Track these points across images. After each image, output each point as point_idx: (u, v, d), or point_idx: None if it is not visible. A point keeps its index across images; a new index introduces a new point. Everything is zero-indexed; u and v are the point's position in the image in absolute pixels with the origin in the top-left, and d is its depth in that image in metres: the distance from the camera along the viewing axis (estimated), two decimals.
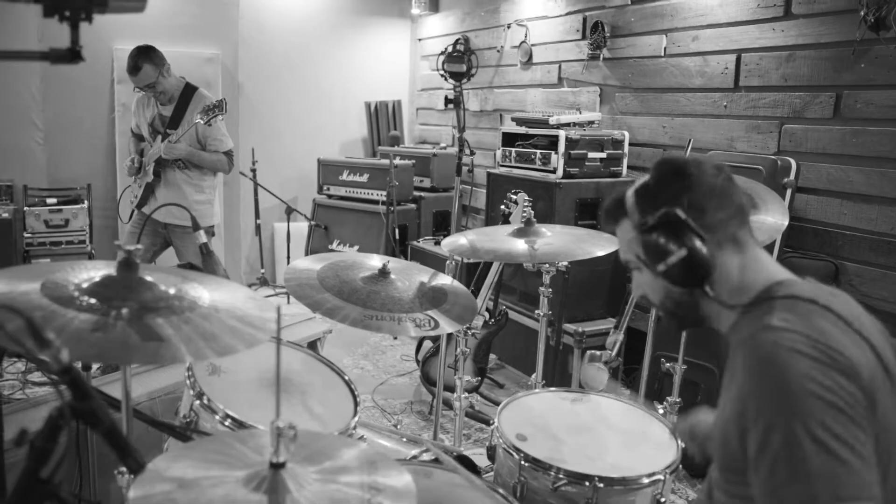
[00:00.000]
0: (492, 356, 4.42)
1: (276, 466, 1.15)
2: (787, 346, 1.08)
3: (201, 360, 1.22)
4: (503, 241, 2.31)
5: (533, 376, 2.62)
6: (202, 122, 3.67)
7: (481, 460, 2.29)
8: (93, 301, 1.28)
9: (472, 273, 4.11)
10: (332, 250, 5.70)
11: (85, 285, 1.32)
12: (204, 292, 1.44)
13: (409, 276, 2.19)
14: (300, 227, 6.01)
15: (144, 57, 3.72)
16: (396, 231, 5.34)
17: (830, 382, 1.03)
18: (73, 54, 1.17)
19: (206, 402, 1.59)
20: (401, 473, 1.21)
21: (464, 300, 2.15)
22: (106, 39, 5.43)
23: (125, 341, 1.20)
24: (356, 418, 1.71)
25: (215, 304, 1.39)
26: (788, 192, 3.28)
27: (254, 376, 1.77)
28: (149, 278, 1.39)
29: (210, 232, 4.10)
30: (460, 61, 2.93)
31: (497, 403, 3.90)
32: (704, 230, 1.21)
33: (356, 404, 1.79)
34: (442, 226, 5.79)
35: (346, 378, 1.90)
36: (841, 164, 3.19)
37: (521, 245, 2.25)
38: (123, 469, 1.35)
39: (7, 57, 1.51)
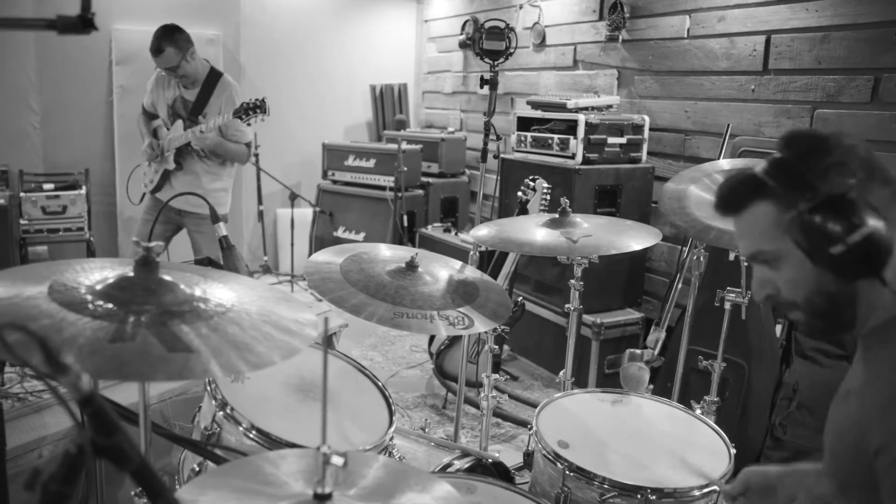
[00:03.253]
0: (505, 347, 4.30)
1: (322, 498, 1.02)
2: None
3: (235, 374, 1.07)
4: (535, 232, 2.17)
5: (561, 373, 2.49)
6: (241, 119, 3.46)
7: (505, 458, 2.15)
8: (109, 306, 1.14)
9: (486, 262, 3.98)
10: (338, 237, 5.55)
11: (99, 287, 1.18)
12: (229, 293, 1.30)
13: (433, 269, 2.06)
14: (304, 214, 5.86)
15: (168, 39, 3.50)
16: (404, 218, 5.19)
17: None
18: (84, 22, 1.00)
19: (229, 412, 1.45)
20: (449, 492, 1.08)
21: (496, 295, 2.01)
22: (104, 19, 5.23)
23: (148, 352, 1.06)
24: (392, 429, 1.57)
25: (245, 307, 1.24)
26: None
27: (280, 381, 1.63)
28: (169, 278, 1.24)
29: (224, 219, 3.97)
30: (500, 38, 2.75)
31: (519, 400, 3.79)
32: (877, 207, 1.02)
33: (391, 413, 1.65)
34: (450, 212, 5.65)
35: (381, 384, 1.76)
36: (879, 151, 3.03)
37: (556, 237, 2.11)
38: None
39: (9, 25, 1.35)
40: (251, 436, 1.44)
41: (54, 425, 2.10)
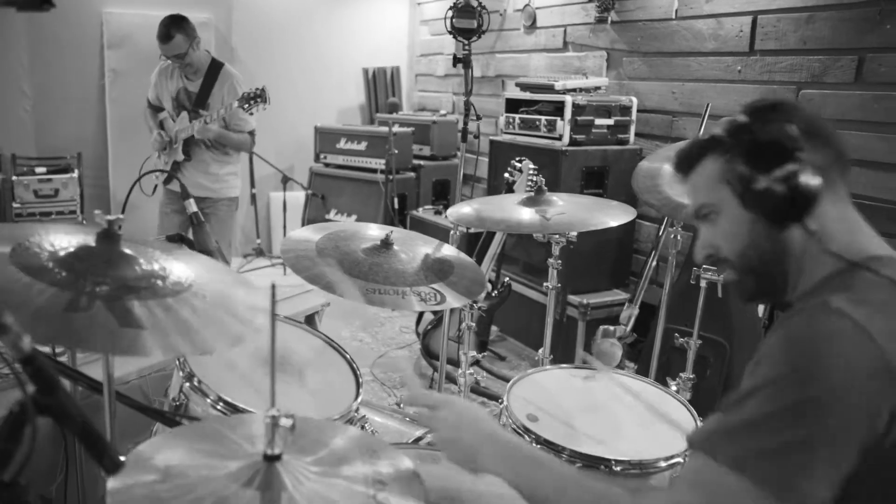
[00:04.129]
0: (493, 328, 4.33)
1: (271, 459, 1.04)
2: (832, 342, 0.92)
3: (174, 356, 1.09)
4: (512, 210, 2.18)
5: (540, 351, 2.52)
6: (244, 108, 3.53)
7: None
8: (65, 274, 1.16)
9: (473, 243, 4.00)
10: (330, 220, 5.57)
11: (60, 254, 1.20)
12: (189, 273, 1.31)
13: (412, 248, 2.08)
14: (297, 197, 5.87)
15: (177, 26, 3.57)
16: (395, 200, 5.21)
17: (859, 401, 0.90)
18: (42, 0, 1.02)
19: (196, 384, 1.47)
20: (405, 462, 1.11)
21: (471, 273, 2.03)
22: (95, 3, 5.24)
23: (101, 325, 1.08)
24: (358, 400, 1.60)
25: (202, 290, 1.26)
26: None
27: (248, 353, 1.65)
28: (130, 252, 1.26)
29: (235, 204, 4.02)
30: (471, 16, 2.75)
31: (499, 377, 3.83)
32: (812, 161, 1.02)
33: (358, 385, 1.68)
34: (441, 195, 5.66)
35: (348, 357, 1.79)
36: (862, 132, 3.05)
37: (531, 215, 2.12)
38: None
39: None
40: (218, 407, 1.46)
41: None
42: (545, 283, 2.42)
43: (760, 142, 1.05)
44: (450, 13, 2.75)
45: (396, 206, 5.21)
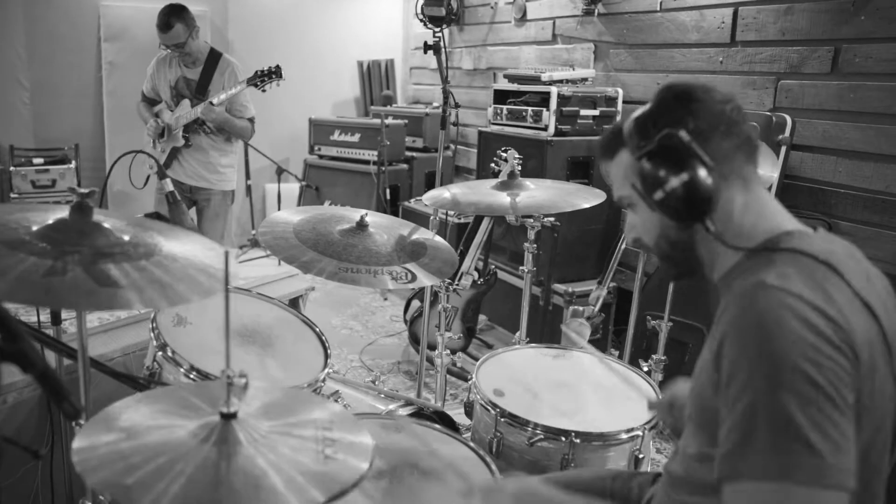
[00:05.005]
0: (482, 317, 4.39)
1: (228, 417, 1.11)
2: (780, 309, 0.96)
3: (154, 307, 1.16)
4: (485, 194, 2.25)
5: (517, 334, 2.58)
6: (256, 86, 3.65)
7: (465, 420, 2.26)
8: (43, 245, 1.23)
9: (462, 233, 4.06)
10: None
11: (35, 228, 1.27)
12: (163, 241, 1.38)
13: (390, 231, 2.14)
14: (292, 188, 5.93)
15: (177, 16, 3.62)
16: (387, 191, 5.27)
17: (821, 358, 0.93)
18: None
19: (169, 353, 1.54)
20: (358, 426, 1.17)
21: (444, 254, 2.10)
22: None
23: (79, 286, 1.15)
24: (326, 371, 1.67)
25: (173, 253, 1.33)
26: (783, 149, 3.20)
27: (220, 327, 1.72)
28: (106, 224, 1.33)
29: (231, 197, 4.07)
30: (439, 4, 2.81)
31: (471, 356, 3.89)
32: (709, 158, 1.09)
33: (327, 357, 1.75)
34: (434, 186, 5.71)
35: (318, 330, 1.85)
36: (837, 121, 3.11)
37: (503, 198, 2.19)
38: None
39: None
40: (190, 376, 1.53)
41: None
42: (521, 268, 2.48)
43: (657, 149, 1.10)
44: (420, 1, 2.81)
45: (389, 196, 5.28)
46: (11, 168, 4.95)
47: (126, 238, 1.32)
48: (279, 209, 5.31)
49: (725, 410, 0.98)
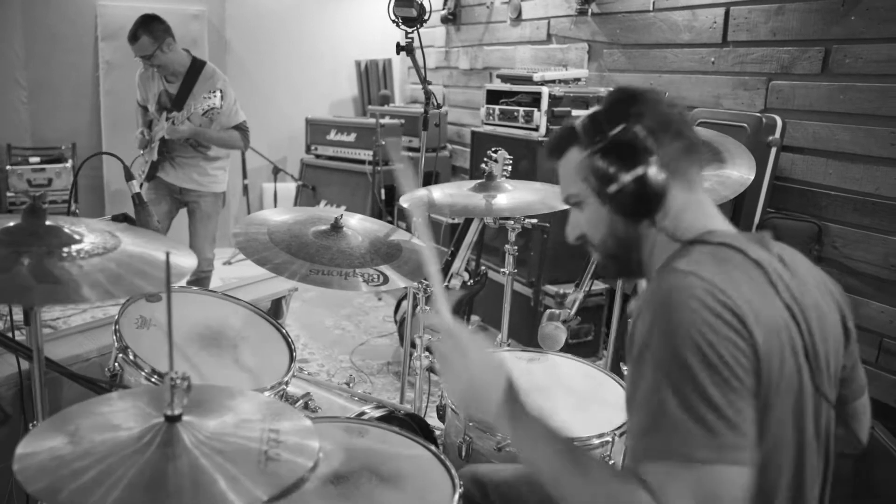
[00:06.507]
0: (475, 318, 4.39)
1: (172, 419, 1.11)
2: (682, 291, 1.00)
3: (101, 299, 1.16)
4: (462, 196, 2.24)
5: (498, 337, 2.57)
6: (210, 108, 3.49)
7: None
8: None
9: (454, 233, 4.05)
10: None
11: None
12: (125, 240, 1.38)
13: (369, 233, 2.14)
14: (289, 188, 5.95)
15: (144, 28, 3.54)
16: (383, 192, 5.26)
17: (716, 338, 0.96)
18: None
19: (130, 357, 1.54)
20: (306, 427, 1.17)
21: (419, 257, 2.09)
22: None
23: (17, 283, 1.15)
24: (290, 374, 1.66)
25: (129, 251, 1.33)
26: (773, 150, 3.17)
27: (184, 330, 1.72)
28: (55, 224, 1.33)
29: (222, 199, 4.05)
30: (409, 5, 2.81)
31: None
32: (661, 156, 1.11)
33: (292, 359, 1.74)
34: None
35: (284, 332, 1.85)
36: (827, 122, 3.08)
37: (478, 200, 2.18)
38: None
39: None
40: (152, 379, 1.53)
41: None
42: (501, 269, 2.46)
43: (612, 145, 1.12)
44: (391, 3, 2.81)
45: (384, 196, 5.27)
46: (7, 167, 4.97)
47: (81, 238, 1.31)
48: (276, 207, 5.38)
49: (632, 388, 1.02)
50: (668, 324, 0.98)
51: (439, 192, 2.34)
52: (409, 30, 2.72)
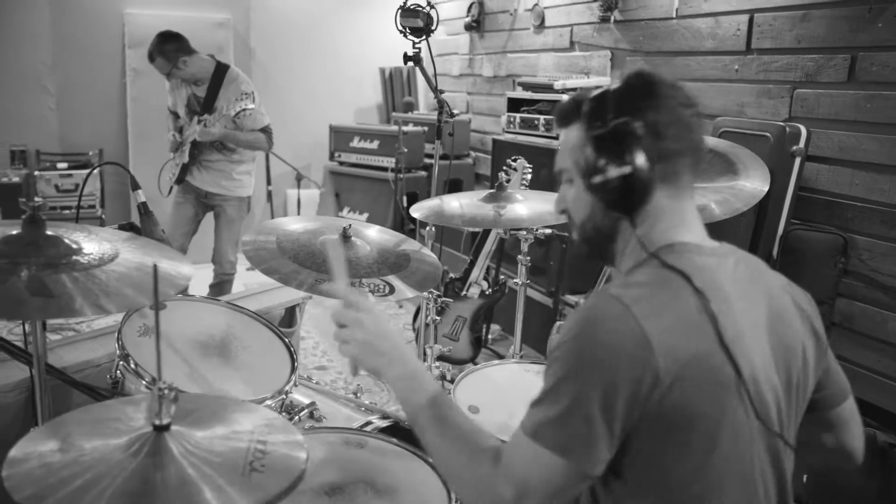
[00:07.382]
0: (496, 326, 4.36)
1: (160, 429, 1.10)
2: (600, 311, 1.05)
3: (95, 313, 1.16)
4: (472, 206, 2.22)
5: (511, 348, 2.54)
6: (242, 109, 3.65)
7: None
8: None
9: (470, 242, 4.03)
10: (342, 218, 5.65)
11: None
12: (125, 250, 1.38)
13: (377, 243, 2.12)
14: (312, 195, 5.98)
15: (157, 51, 3.73)
16: (405, 199, 5.25)
17: (622, 366, 1.00)
18: None
19: (131, 365, 1.54)
20: (296, 439, 1.15)
21: (428, 267, 2.07)
22: (117, 4, 5.41)
23: (11, 296, 1.16)
24: (291, 383, 1.65)
25: (127, 262, 1.33)
26: (797, 160, 3.11)
27: (187, 339, 1.72)
28: (55, 234, 1.33)
29: (247, 203, 4.13)
30: (415, 16, 2.81)
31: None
32: (655, 156, 1.09)
33: (293, 369, 1.73)
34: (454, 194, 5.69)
35: (287, 341, 1.84)
36: (854, 132, 3.00)
37: (487, 210, 2.16)
38: None
39: None
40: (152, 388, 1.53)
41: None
42: (514, 280, 2.44)
43: (608, 134, 1.09)
44: (398, 14, 2.82)
45: (406, 203, 5.26)
46: (36, 172, 5.06)
47: (80, 247, 1.32)
48: (298, 215, 5.41)
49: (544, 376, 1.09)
50: (576, 338, 1.04)
51: (450, 202, 2.32)
52: (417, 40, 2.71)
